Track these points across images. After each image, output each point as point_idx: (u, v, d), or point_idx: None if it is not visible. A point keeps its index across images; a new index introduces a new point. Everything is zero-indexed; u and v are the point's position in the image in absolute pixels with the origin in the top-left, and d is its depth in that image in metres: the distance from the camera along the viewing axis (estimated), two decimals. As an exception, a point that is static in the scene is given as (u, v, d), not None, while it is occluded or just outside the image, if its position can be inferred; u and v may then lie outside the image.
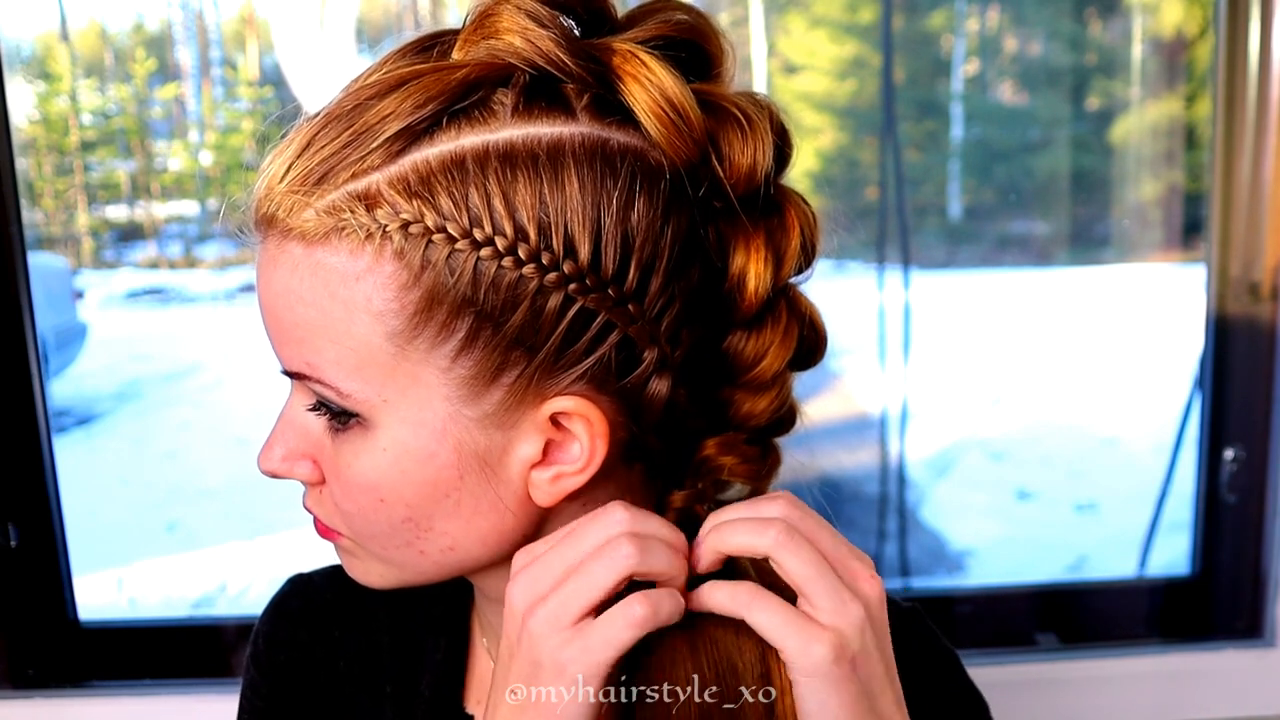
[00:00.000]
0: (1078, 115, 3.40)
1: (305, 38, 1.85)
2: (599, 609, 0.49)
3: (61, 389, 3.22)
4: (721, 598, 0.50)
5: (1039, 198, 3.57)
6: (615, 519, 0.50)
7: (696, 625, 0.53)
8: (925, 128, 3.69)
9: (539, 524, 0.56)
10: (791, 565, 0.49)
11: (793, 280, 0.58)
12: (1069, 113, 3.46)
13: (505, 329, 0.49)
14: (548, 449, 0.53)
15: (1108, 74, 3.32)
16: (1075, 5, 3.47)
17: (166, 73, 3.42)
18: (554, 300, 0.49)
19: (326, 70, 1.75)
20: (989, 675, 0.69)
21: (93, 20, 3.26)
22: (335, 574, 0.72)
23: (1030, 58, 3.92)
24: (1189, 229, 2.25)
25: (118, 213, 3.49)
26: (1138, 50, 2.73)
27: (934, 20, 3.58)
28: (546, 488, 0.53)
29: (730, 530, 0.51)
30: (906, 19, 3.29)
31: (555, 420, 0.52)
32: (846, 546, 0.51)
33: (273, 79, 3.32)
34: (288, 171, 0.50)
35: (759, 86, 3.28)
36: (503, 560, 0.57)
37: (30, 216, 1.76)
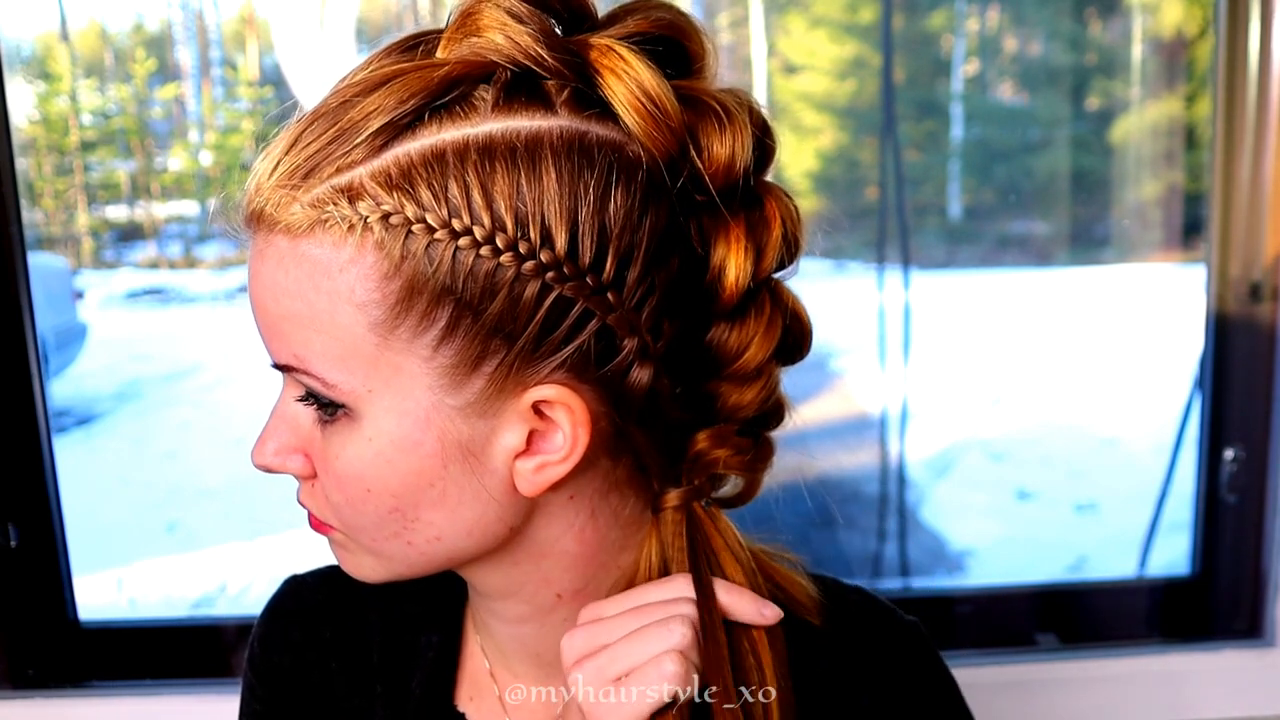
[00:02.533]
0: (1078, 115, 3.40)
1: (305, 38, 1.85)
2: None
3: (61, 389, 3.22)
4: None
5: (1039, 198, 3.57)
6: (680, 596, 0.55)
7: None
8: (925, 128, 3.69)
9: (525, 515, 0.57)
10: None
11: (778, 275, 0.59)
12: (1069, 113, 3.46)
13: (485, 317, 0.50)
14: (531, 439, 0.54)
15: (1108, 74, 3.32)
16: (1075, 5, 3.47)
17: (166, 73, 3.42)
18: (531, 289, 0.50)
19: (326, 70, 1.75)
20: (989, 675, 0.68)
21: (93, 20, 3.26)
22: (329, 575, 0.72)
23: (1030, 58, 3.92)
24: (1189, 229, 2.25)
25: (118, 213, 3.49)
26: (1138, 50, 2.73)
27: (934, 20, 3.58)
28: (531, 477, 0.54)
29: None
30: (906, 19, 3.29)
31: (538, 409, 0.53)
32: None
33: (273, 79, 3.32)
34: (275, 168, 0.51)
35: (759, 86, 3.28)
36: (492, 553, 0.58)
37: (30, 216, 1.76)
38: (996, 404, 3.88)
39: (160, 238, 3.61)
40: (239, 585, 2.56)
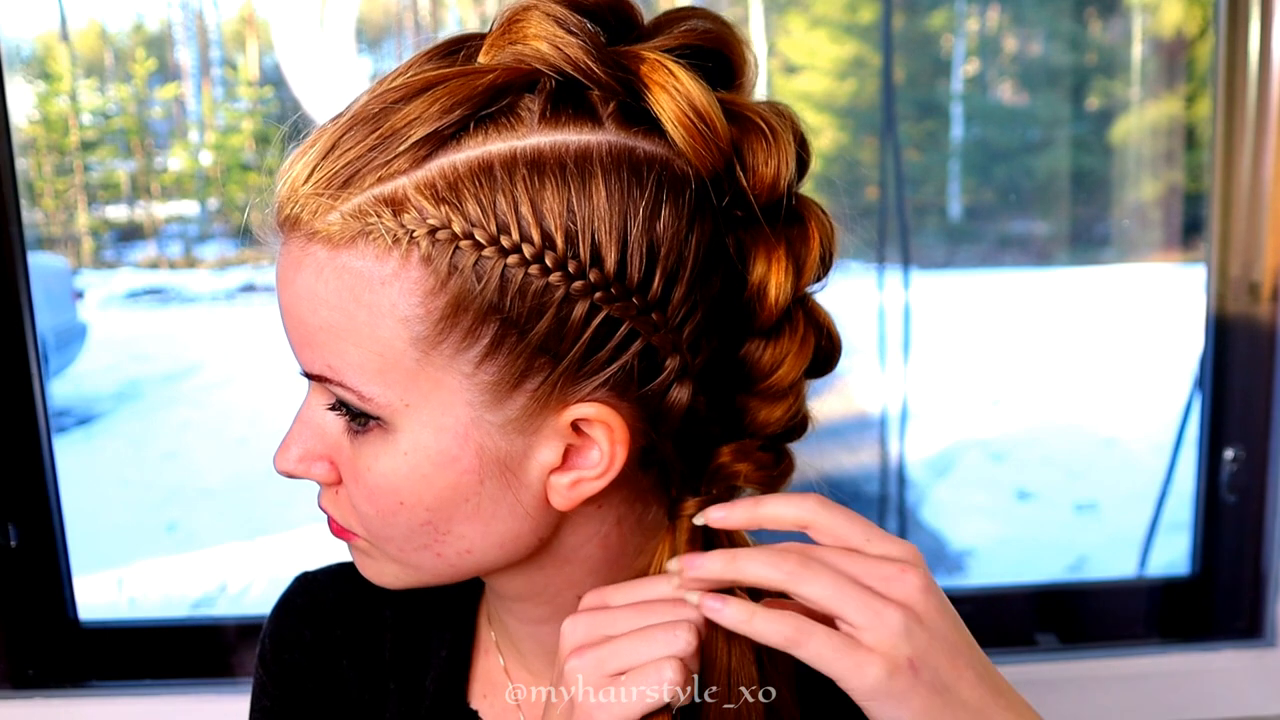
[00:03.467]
0: (1078, 115, 3.40)
1: (305, 38, 1.85)
2: None
3: (61, 389, 3.22)
4: (769, 632, 0.50)
5: (1039, 198, 3.57)
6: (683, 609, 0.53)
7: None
8: (925, 128, 3.70)
9: (555, 527, 0.56)
10: (813, 594, 0.50)
11: (808, 290, 0.58)
12: (1069, 113, 3.46)
13: (530, 336, 0.49)
14: (567, 454, 0.53)
15: (1108, 74, 3.32)
16: (1075, 5, 3.47)
17: (166, 73, 3.42)
18: (579, 308, 0.49)
19: (326, 70, 1.75)
20: (989, 675, 0.68)
21: (93, 20, 3.26)
22: (341, 572, 0.72)
23: (1030, 58, 3.92)
24: (1189, 229, 2.25)
25: (118, 213, 3.49)
26: (1138, 50, 2.73)
27: (934, 20, 3.58)
28: (565, 493, 0.54)
29: (747, 561, 0.52)
30: (906, 19, 3.29)
31: (576, 426, 0.52)
32: (869, 555, 0.52)
33: (273, 79, 3.32)
34: (311, 174, 0.50)
35: (759, 86, 3.27)
36: (517, 562, 0.57)
37: (30, 216, 1.76)
38: (996, 404, 3.88)
39: (160, 238, 3.60)
40: (239, 585, 2.56)
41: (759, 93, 0.58)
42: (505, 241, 0.48)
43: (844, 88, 3.89)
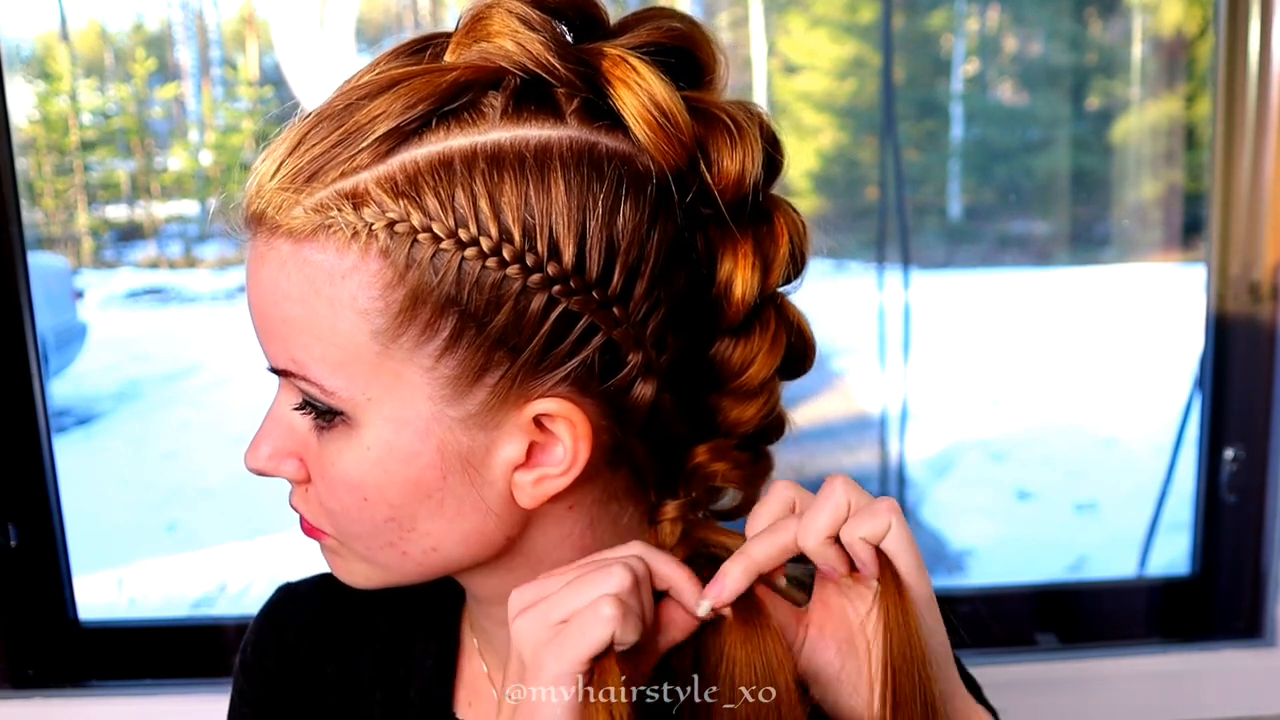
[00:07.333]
0: (1078, 115, 3.40)
1: (305, 38, 1.85)
2: None
3: (61, 389, 3.22)
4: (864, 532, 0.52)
5: (1039, 198, 3.57)
6: (632, 553, 0.53)
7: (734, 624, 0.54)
8: (925, 128, 3.70)
9: (523, 526, 0.56)
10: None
11: (783, 289, 0.58)
12: (1069, 113, 3.47)
13: (489, 329, 0.50)
14: (531, 451, 0.53)
15: (1108, 74, 3.32)
16: (1075, 5, 3.47)
17: (166, 73, 3.42)
18: (537, 302, 0.49)
19: (326, 70, 1.75)
20: (989, 675, 0.69)
21: (93, 20, 3.26)
22: (323, 583, 0.72)
23: (1030, 58, 3.92)
24: (1189, 229, 2.25)
25: (118, 213, 3.49)
26: (1138, 50, 2.73)
27: (934, 20, 3.59)
28: (529, 490, 0.54)
29: (756, 546, 0.53)
30: (906, 19, 3.30)
31: (539, 422, 0.52)
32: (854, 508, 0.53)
33: (273, 79, 3.33)
34: (278, 169, 0.50)
35: (759, 86, 3.27)
36: (488, 561, 0.57)
37: (30, 216, 1.76)
38: (996, 404, 3.88)
39: (160, 238, 3.61)
40: (239, 585, 2.57)
41: (759, 92, 0.59)
42: (463, 235, 0.48)
43: (844, 88, 3.89)
